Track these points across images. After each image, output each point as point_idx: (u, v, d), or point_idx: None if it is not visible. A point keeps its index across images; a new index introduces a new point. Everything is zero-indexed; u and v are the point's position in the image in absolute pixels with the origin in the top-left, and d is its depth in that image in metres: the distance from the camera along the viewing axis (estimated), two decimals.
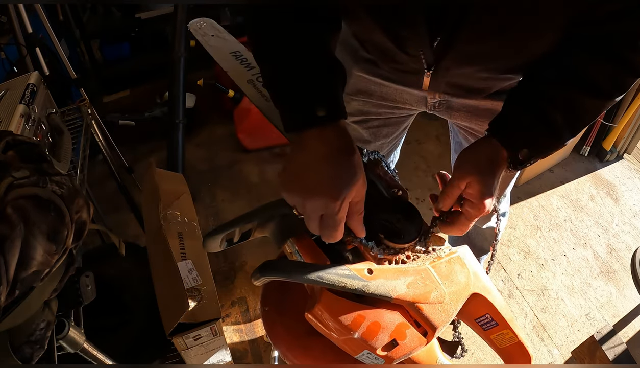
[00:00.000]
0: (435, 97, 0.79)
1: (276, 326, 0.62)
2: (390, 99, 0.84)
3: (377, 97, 0.85)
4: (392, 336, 0.47)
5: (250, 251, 1.72)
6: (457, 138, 0.96)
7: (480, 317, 0.56)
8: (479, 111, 0.79)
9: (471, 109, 0.80)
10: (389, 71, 0.77)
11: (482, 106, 0.78)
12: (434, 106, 0.83)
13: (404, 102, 0.84)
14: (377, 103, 0.86)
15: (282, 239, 0.53)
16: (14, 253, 0.47)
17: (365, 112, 0.89)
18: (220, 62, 0.72)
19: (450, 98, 0.79)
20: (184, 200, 1.08)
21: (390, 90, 0.83)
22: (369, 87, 0.84)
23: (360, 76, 0.82)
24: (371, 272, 0.48)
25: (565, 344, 1.43)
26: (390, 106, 0.86)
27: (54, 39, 1.51)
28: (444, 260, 0.52)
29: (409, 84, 0.79)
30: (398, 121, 0.93)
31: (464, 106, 0.80)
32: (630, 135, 2.03)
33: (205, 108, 2.42)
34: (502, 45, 0.58)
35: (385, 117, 0.91)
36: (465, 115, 0.82)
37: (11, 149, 0.57)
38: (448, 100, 0.80)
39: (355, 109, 0.89)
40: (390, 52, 0.66)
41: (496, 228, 0.67)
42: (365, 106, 0.87)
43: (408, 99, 0.83)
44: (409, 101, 0.84)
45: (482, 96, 0.76)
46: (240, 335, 1.47)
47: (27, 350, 0.59)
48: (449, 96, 0.78)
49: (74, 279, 0.72)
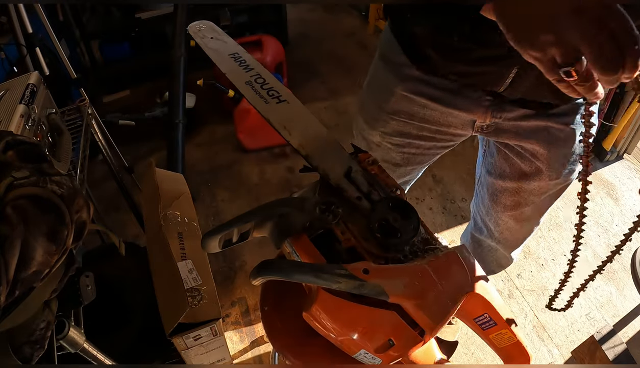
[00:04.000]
0: (486, 120, 0.76)
1: (275, 325, 0.63)
2: (434, 121, 0.80)
3: (419, 119, 0.80)
4: (388, 336, 0.47)
5: (250, 251, 1.72)
6: (492, 150, 0.90)
7: (479, 317, 0.56)
8: (529, 132, 0.76)
9: (522, 130, 0.77)
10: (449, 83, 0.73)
11: (534, 127, 0.75)
12: (481, 128, 0.79)
13: (448, 125, 0.80)
14: (418, 125, 0.82)
15: (280, 239, 0.53)
16: (14, 253, 0.47)
17: (404, 134, 0.84)
18: (219, 64, 0.72)
19: (502, 122, 0.76)
20: (184, 200, 1.08)
21: (435, 113, 0.78)
22: (411, 108, 0.79)
23: (404, 95, 0.78)
24: (368, 271, 0.48)
25: (565, 344, 1.43)
26: (432, 129, 0.82)
27: (54, 39, 1.51)
28: (441, 259, 0.53)
29: (462, 105, 0.75)
30: (437, 149, 0.89)
31: (514, 127, 0.77)
32: (630, 135, 2.03)
33: (205, 108, 2.42)
34: None
35: (425, 148, 0.87)
36: (514, 135, 0.79)
37: (11, 149, 0.58)
38: (498, 123, 0.77)
39: (394, 129, 0.84)
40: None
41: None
42: (405, 127, 0.83)
43: (453, 122, 0.79)
44: (454, 124, 0.80)
45: (547, 112, 0.73)
46: (240, 335, 1.47)
47: (27, 350, 0.59)
48: (504, 114, 0.75)
49: (74, 279, 0.72)
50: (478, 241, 1.11)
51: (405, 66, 0.76)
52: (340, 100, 2.55)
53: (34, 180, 0.54)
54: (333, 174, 0.59)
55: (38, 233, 0.51)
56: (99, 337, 0.78)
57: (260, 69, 0.72)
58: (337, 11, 3.52)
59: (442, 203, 1.92)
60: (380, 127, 0.85)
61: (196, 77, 2.02)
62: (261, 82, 0.70)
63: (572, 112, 0.74)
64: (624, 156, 2.13)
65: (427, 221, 1.46)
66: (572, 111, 0.74)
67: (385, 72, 0.81)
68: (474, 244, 1.14)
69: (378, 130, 0.86)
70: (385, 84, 0.81)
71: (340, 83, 2.69)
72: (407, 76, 0.77)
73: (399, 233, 0.52)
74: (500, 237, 1.02)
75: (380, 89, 0.83)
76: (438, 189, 1.99)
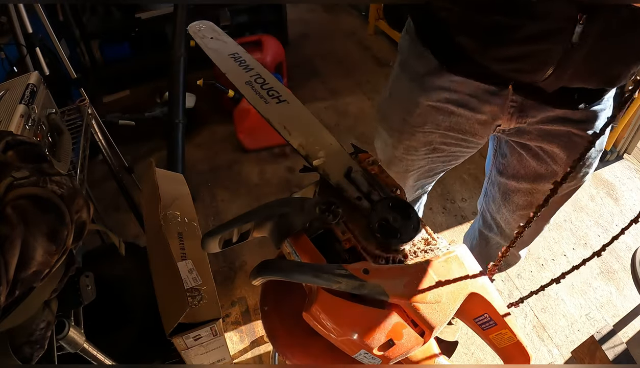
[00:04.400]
0: (511, 124, 0.77)
1: (275, 325, 0.63)
2: (459, 129, 0.80)
3: (444, 128, 0.81)
4: (388, 336, 0.47)
5: (250, 251, 1.72)
6: (504, 151, 0.90)
7: (479, 317, 0.56)
8: (551, 135, 0.77)
9: (544, 132, 0.77)
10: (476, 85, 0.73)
11: (556, 131, 0.76)
12: (503, 131, 0.80)
13: (473, 133, 0.81)
14: (443, 133, 0.82)
15: (280, 239, 0.53)
16: (14, 253, 0.47)
17: (429, 143, 0.85)
18: (219, 64, 0.72)
19: (526, 126, 0.77)
20: (184, 200, 1.08)
21: (461, 120, 0.78)
22: (437, 117, 0.79)
23: (429, 105, 0.78)
24: (368, 272, 0.48)
25: (565, 344, 1.43)
26: (457, 137, 0.82)
27: (54, 39, 1.51)
28: (441, 259, 0.53)
29: (488, 110, 0.75)
30: (461, 153, 0.90)
31: (537, 130, 0.77)
32: (630, 135, 2.03)
33: (205, 108, 2.42)
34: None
35: (450, 152, 0.88)
36: (535, 137, 0.79)
37: (11, 149, 0.58)
38: (520, 127, 0.78)
39: (419, 141, 0.85)
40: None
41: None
42: (430, 136, 0.83)
43: (479, 130, 0.80)
44: (479, 132, 0.80)
45: (571, 117, 0.73)
46: (240, 335, 1.47)
47: (27, 350, 0.59)
48: (528, 120, 0.75)
49: (74, 279, 0.72)
50: (486, 238, 1.11)
51: (428, 74, 0.75)
52: (340, 100, 2.55)
53: (34, 180, 0.54)
54: (333, 174, 0.59)
55: (38, 233, 0.51)
56: (99, 337, 0.78)
57: (260, 69, 0.72)
58: (337, 11, 3.52)
59: (442, 203, 1.92)
60: (406, 140, 0.86)
61: (196, 77, 2.02)
62: (261, 82, 0.70)
63: (594, 118, 0.74)
64: (624, 156, 2.13)
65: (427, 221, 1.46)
66: (594, 117, 0.74)
67: (408, 82, 0.79)
68: (482, 241, 1.14)
69: (403, 143, 0.87)
70: (409, 96, 0.80)
71: (340, 83, 2.69)
72: (431, 86, 0.76)
73: (399, 233, 0.52)
74: (511, 235, 1.01)
75: (403, 101, 0.82)
76: (438, 189, 1.99)
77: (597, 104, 0.73)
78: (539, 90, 0.68)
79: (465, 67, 0.70)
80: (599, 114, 0.74)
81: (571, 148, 0.77)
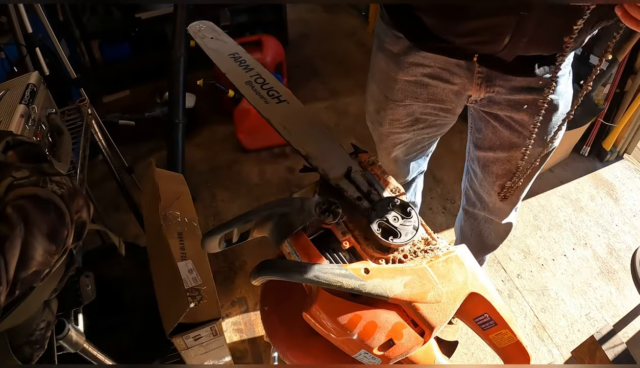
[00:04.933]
0: (480, 94, 0.85)
1: (275, 325, 0.63)
2: (437, 99, 0.89)
3: (423, 99, 0.89)
4: (388, 335, 0.47)
5: (250, 251, 1.72)
6: (479, 125, 0.98)
7: (479, 317, 0.56)
8: (518, 104, 0.84)
9: (512, 102, 0.84)
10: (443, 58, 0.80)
11: (523, 100, 0.83)
12: (475, 101, 0.88)
13: (449, 101, 0.89)
14: (423, 105, 0.91)
15: (280, 239, 0.53)
16: (14, 253, 0.47)
17: (411, 114, 0.93)
18: (219, 64, 0.72)
19: (495, 95, 0.84)
20: (184, 200, 1.08)
21: (437, 90, 0.87)
22: (415, 90, 0.88)
23: (406, 81, 0.87)
24: (368, 271, 0.48)
25: (565, 344, 1.43)
26: (436, 107, 0.91)
27: (54, 39, 1.51)
28: (441, 260, 0.53)
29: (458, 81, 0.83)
30: (442, 120, 0.97)
31: (505, 100, 0.84)
32: (630, 135, 2.03)
33: (205, 108, 2.42)
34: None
35: (431, 121, 0.96)
36: (505, 107, 0.86)
37: (11, 149, 0.58)
38: (491, 97, 0.85)
39: (401, 114, 0.94)
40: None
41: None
42: (411, 108, 0.92)
43: (453, 99, 0.88)
44: (454, 101, 0.89)
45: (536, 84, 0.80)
46: (240, 335, 1.47)
47: (27, 350, 0.59)
48: (496, 89, 0.82)
49: (74, 279, 0.72)
50: (473, 215, 1.19)
51: (402, 53, 0.84)
52: (340, 100, 2.55)
53: (34, 180, 0.54)
54: (333, 174, 0.59)
55: (38, 233, 0.51)
56: (99, 337, 0.78)
57: (260, 69, 0.72)
58: (337, 11, 3.52)
59: (442, 203, 1.92)
60: (389, 116, 0.95)
61: (196, 77, 2.02)
62: (261, 82, 0.70)
63: (555, 84, 0.81)
64: (624, 156, 2.13)
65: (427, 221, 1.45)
66: (555, 83, 0.81)
67: (386, 63, 0.88)
68: (470, 220, 1.21)
69: (387, 118, 0.96)
70: (387, 74, 0.90)
71: (340, 83, 2.69)
72: (406, 63, 0.84)
73: (399, 233, 0.52)
74: (494, 207, 1.09)
75: (383, 79, 0.92)
76: (438, 189, 1.99)
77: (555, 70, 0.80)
78: (501, 61, 0.76)
79: (433, 43, 0.79)
80: (558, 80, 0.80)
81: (538, 114, 0.83)
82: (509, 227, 1.17)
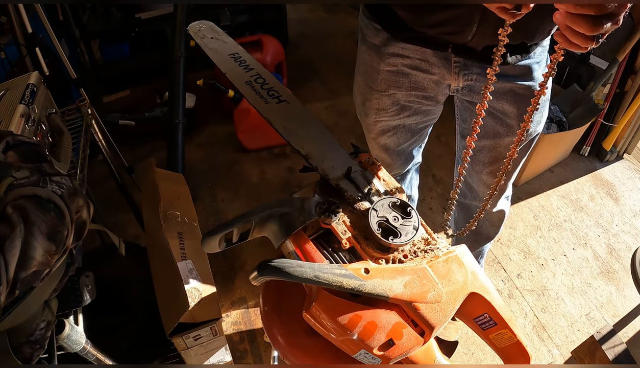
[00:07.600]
0: (459, 83, 0.87)
1: (275, 325, 0.63)
2: (419, 87, 0.92)
3: (406, 88, 0.92)
4: (388, 335, 0.47)
5: (250, 251, 1.72)
6: (464, 116, 1.01)
7: (479, 317, 0.56)
8: (498, 93, 0.86)
9: (491, 92, 0.85)
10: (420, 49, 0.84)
11: (501, 89, 0.86)
12: (456, 90, 0.90)
13: (431, 89, 0.92)
14: (406, 93, 0.94)
15: (280, 239, 0.53)
16: (14, 253, 0.47)
17: (396, 103, 0.96)
18: (219, 64, 0.72)
19: (473, 83, 0.87)
20: (184, 200, 1.08)
21: (418, 78, 0.90)
22: (397, 80, 0.91)
23: (388, 71, 0.90)
24: (368, 271, 0.48)
25: (565, 344, 1.43)
26: (419, 95, 0.94)
27: (54, 39, 1.51)
28: (441, 259, 0.53)
29: (437, 71, 0.86)
30: (426, 107, 0.99)
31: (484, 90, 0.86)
32: (630, 135, 2.03)
33: (205, 108, 2.42)
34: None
35: (415, 107, 0.98)
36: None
37: (11, 149, 0.58)
38: (470, 85, 0.87)
39: (387, 103, 0.96)
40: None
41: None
42: (395, 97, 0.95)
43: (434, 88, 0.91)
44: (436, 90, 0.92)
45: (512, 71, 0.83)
46: (240, 335, 1.47)
47: (27, 350, 0.59)
48: (474, 76, 0.85)
49: (74, 279, 0.72)
50: (465, 205, 1.21)
51: (383, 45, 0.88)
52: (340, 100, 2.55)
53: (34, 180, 0.54)
54: (333, 174, 0.59)
55: (38, 233, 0.51)
56: (99, 337, 0.78)
57: (260, 69, 0.72)
58: (337, 11, 3.52)
59: (442, 203, 1.92)
60: (375, 106, 0.98)
61: (196, 77, 2.02)
62: (261, 82, 0.70)
63: (530, 71, 0.85)
64: (624, 156, 2.13)
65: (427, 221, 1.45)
66: (530, 70, 0.85)
67: (368, 55, 0.92)
68: (463, 210, 1.24)
69: (373, 108, 0.99)
70: (370, 65, 0.93)
71: (340, 83, 2.68)
72: (386, 54, 0.88)
73: (399, 233, 0.52)
74: (483, 195, 1.12)
75: (367, 71, 0.95)
76: (438, 189, 1.99)
77: (528, 58, 0.83)
78: (472, 50, 0.79)
79: (408, 35, 0.83)
80: (533, 67, 0.85)
81: (518, 102, 0.87)
82: (502, 215, 1.20)
